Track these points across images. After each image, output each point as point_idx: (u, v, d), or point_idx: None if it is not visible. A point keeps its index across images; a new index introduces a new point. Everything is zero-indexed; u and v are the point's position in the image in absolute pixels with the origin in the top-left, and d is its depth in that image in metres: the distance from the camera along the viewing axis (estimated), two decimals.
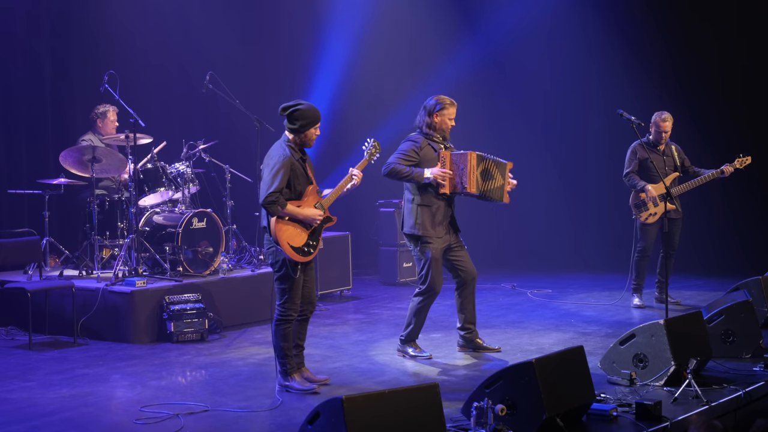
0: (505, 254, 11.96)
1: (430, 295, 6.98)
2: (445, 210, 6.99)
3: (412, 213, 6.96)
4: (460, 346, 7.28)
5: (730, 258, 11.14)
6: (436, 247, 6.93)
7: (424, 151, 6.95)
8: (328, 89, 11.61)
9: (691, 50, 11.63)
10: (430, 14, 12.20)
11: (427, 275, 6.93)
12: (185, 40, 11.04)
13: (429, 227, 6.91)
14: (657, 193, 8.60)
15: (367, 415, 4.34)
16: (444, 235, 6.98)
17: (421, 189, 6.95)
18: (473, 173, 6.89)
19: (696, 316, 6.49)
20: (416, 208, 6.94)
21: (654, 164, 8.49)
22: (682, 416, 5.35)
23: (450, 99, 7.07)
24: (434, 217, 6.93)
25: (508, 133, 12.25)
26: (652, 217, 8.70)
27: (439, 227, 6.95)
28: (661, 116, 8.77)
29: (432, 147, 6.99)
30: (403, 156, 6.92)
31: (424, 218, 6.92)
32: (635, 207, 8.81)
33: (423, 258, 6.95)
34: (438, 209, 6.94)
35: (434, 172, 6.85)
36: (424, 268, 6.94)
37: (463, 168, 6.88)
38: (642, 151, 8.72)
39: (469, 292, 7.15)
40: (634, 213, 8.83)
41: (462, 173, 6.89)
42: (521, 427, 4.97)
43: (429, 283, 6.93)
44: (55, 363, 7.10)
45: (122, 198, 8.65)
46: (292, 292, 6.07)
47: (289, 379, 6.13)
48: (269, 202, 5.91)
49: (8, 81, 9.73)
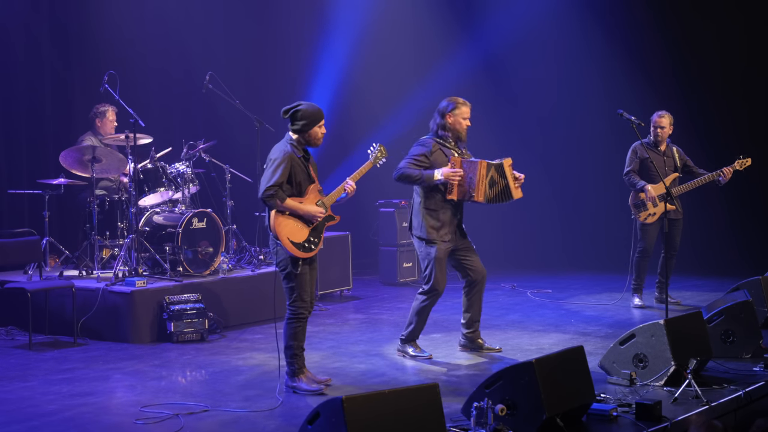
0: (505, 254, 11.95)
1: (433, 295, 6.97)
2: (452, 215, 6.96)
3: (419, 215, 6.96)
4: (462, 346, 7.28)
5: (730, 258, 11.15)
6: (441, 248, 6.92)
7: (435, 155, 6.91)
8: (329, 89, 11.61)
9: (691, 50, 11.64)
10: (431, 15, 12.20)
11: (430, 275, 6.92)
12: (185, 40, 11.03)
13: (433, 230, 6.91)
14: (656, 194, 8.60)
15: (367, 415, 4.34)
16: (449, 239, 6.96)
17: (429, 193, 6.92)
18: (483, 182, 6.84)
19: (696, 316, 6.49)
20: (423, 211, 6.94)
21: (654, 164, 8.50)
22: (682, 416, 5.35)
23: (463, 99, 7.03)
24: (440, 221, 6.92)
25: (509, 133, 12.26)
26: (651, 217, 8.70)
27: (445, 231, 6.93)
28: (658, 114, 8.79)
29: (443, 152, 6.94)
30: (412, 160, 6.90)
31: (430, 222, 6.91)
32: (634, 207, 8.81)
33: (427, 258, 6.95)
34: (444, 214, 6.92)
35: (445, 173, 6.79)
36: (428, 267, 6.93)
37: (472, 177, 6.82)
38: (642, 150, 8.72)
39: (477, 291, 7.14)
40: (633, 213, 8.84)
41: (471, 181, 6.83)
42: (521, 427, 4.97)
43: (432, 282, 6.92)
44: (55, 363, 7.10)
45: (122, 198, 8.65)
46: (300, 290, 6.08)
47: (296, 379, 6.13)
48: (268, 196, 5.93)
49: (8, 81, 9.73)
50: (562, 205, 12.32)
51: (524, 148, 12.18)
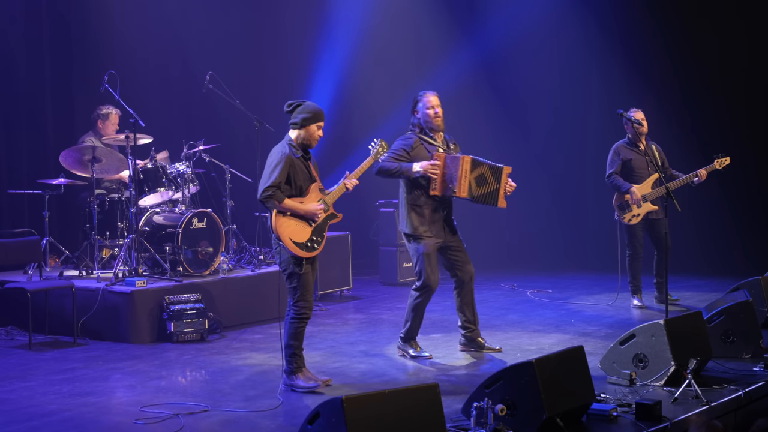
0: (505, 254, 11.96)
1: (426, 290, 6.97)
2: (437, 210, 6.96)
3: (404, 212, 6.99)
4: (462, 345, 7.28)
5: (730, 258, 11.15)
6: (428, 243, 6.92)
7: (416, 150, 6.93)
8: (329, 89, 11.61)
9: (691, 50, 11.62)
10: (431, 15, 12.20)
11: (421, 271, 6.93)
12: (185, 40, 11.04)
13: (419, 226, 6.92)
14: (641, 194, 8.61)
15: (367, 415, 4.34)
16: (436, 234, 6.96)
17: (412, 189, 6.94)
18: (465, 177, 6.83)
19: (696, 316, 6.49)
20: (408, 207, 6.96)
21: (635, 164, 8.51)
22: (682, 416, 5.35)
23: (430, 91, 7.04)
24: (424, 217, 6.93)
25: (508, 133, 12.26)
26: (635, 218, 8.70)
27: (431, 226, 6.94)
28: (634, 110, 8.69)
29: (426, 148, 6.96)
30: (393, 155, 6.92)
31: (415, 218, 6.93)
32: (619, 208, 8.78)
33: (415, 254, 6.97)
34: (428, 209, 6.93)
35: (423, 166, 6.79)
36: (418, 264, 6.95)
37: (454, 172, 6.81)
38: (625, 151, 8.73)
39: (467, 291, 7.14)
40: (618, 214, 8.81)
41: (453, 176, 6.81)
42: (521, 427, 4.97)
43: (424, 278, 6.93)
44: (55, 363, 7.10)
45: (122, 198, 8.65)
46: (303, 290, 6.08)
47: (293, 377, 6.14)
48: (266, 196, 5.94)
49: (8, 81, 9.74)
50: (563, 205, 12.32)
51: (524, 148, 12.19)
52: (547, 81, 12.40)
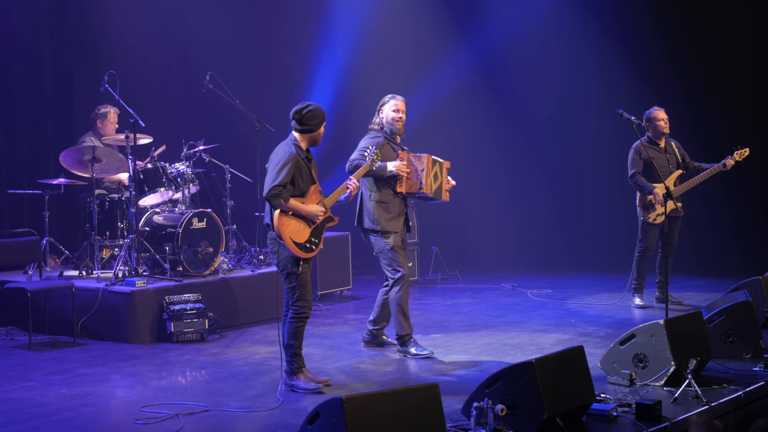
0: (505, 254, 11.95)
1: (403, 281, 7.08)
2: (400, 207, 7.17)
3: (370, 209, 7.11)
4: (365, 342, 7.44)
5: (730, 258, 11.14)
6: (396, 237, 7.12)
7: (384, 149, 7.07)
8: (328, 90, 11.60)
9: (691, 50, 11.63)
10: (430, 14, 12.19)
11: (393, 263, 7.06)
12: (185, 40, 11.04)
13: (385, 222, 7.09)
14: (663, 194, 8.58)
15: (367, 415, 4.34)
16: (400, 230, 7.17)
17: (379, 186, 7.11)
18: (429, 175, 7.10)
19: (696, 316, 6.49)
20: (374, 204, 7.10)
21: (657, 163, 8.47)
22: (682, 416, 5.35)
23: (395, 94, 7.20)
24: (390, 213, 7.11)
25: (508, 133, 12.26)
26: (660, 217, 8.67)
27: (395, 222, 7.13)
28: (656, 109, 8.73)
29: (392, 147, 7.16)
30: (363, 152, 6.99)
31: (382, 214, 7.09)
32: (643, 209, 8.75)
33: (384, 248, 7.09)
34: (393, 206, 7.12)
35: (397, 165, 7.01)
36: (389, 257, 7.08)
37: (421, 170, 7.07)
38: (645, 150, 8.68)
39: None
40: (641, 214, 8.77)
41: (419, 175, 7.08)
42: (521, 427, 4.97)
43: (399, 270, 7.05)
44: (55, 363, 7.10)
45: (122, 198, 8.65)
46: (302, 289, 6.12)
47: (294, 378, 6.14)
48: (273, 195, 5.96)
49: (8, 81, 9.74)
50: (563, 205, 12.31)
51: (525, 149, 12.20)
52: (547, 81, 12.39)
